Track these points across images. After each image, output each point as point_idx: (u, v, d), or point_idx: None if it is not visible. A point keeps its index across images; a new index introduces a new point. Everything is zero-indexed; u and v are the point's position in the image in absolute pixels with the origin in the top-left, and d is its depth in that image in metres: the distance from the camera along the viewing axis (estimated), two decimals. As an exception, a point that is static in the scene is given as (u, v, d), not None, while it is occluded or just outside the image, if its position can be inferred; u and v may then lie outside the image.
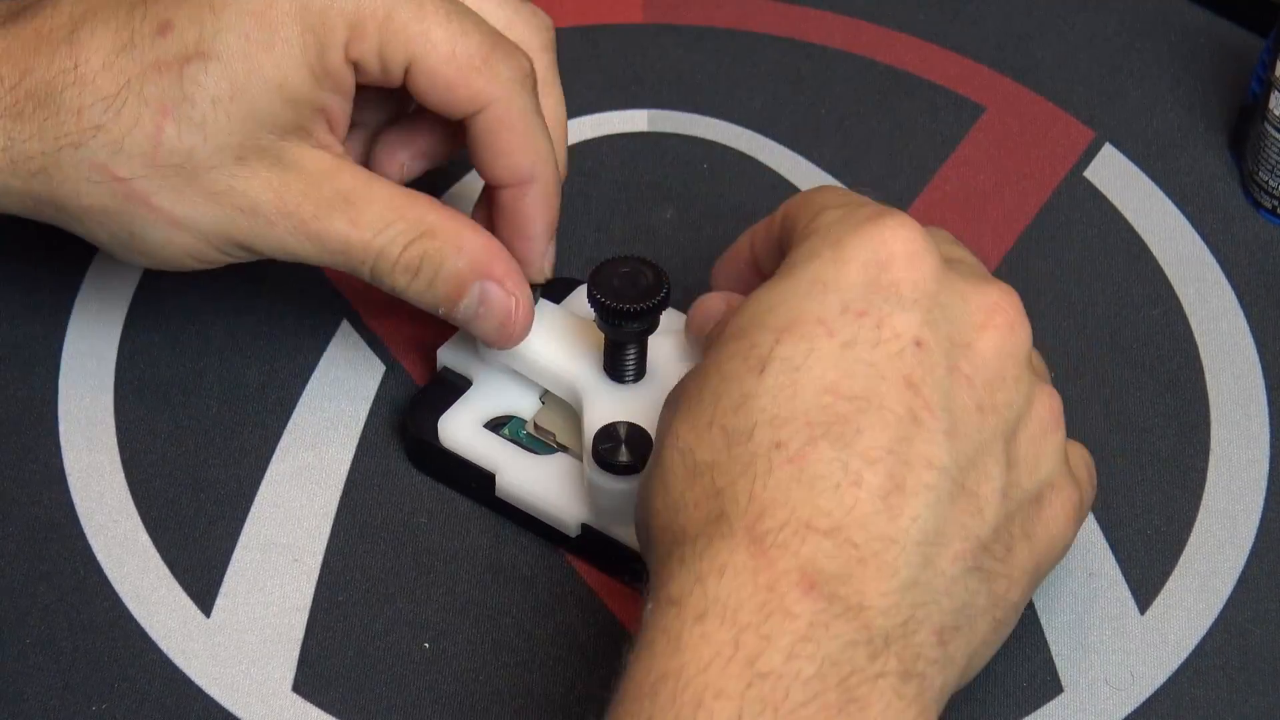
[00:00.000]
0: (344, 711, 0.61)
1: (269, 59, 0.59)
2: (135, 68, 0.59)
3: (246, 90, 0.59)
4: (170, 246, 0.61)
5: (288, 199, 0.61)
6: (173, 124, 0.59)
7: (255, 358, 0.69)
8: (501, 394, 0.66)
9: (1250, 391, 0.69)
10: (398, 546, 0.65)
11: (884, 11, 0.81)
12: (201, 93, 0.59)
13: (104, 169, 0.60)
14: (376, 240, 0.61)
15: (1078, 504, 0.58)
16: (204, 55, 0.59)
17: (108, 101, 0.59)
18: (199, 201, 0.60)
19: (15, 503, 0.65)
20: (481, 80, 0.61)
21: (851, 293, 0.55)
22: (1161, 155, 0.76)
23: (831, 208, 0.58)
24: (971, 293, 0.56)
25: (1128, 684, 0.62)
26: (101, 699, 0.61)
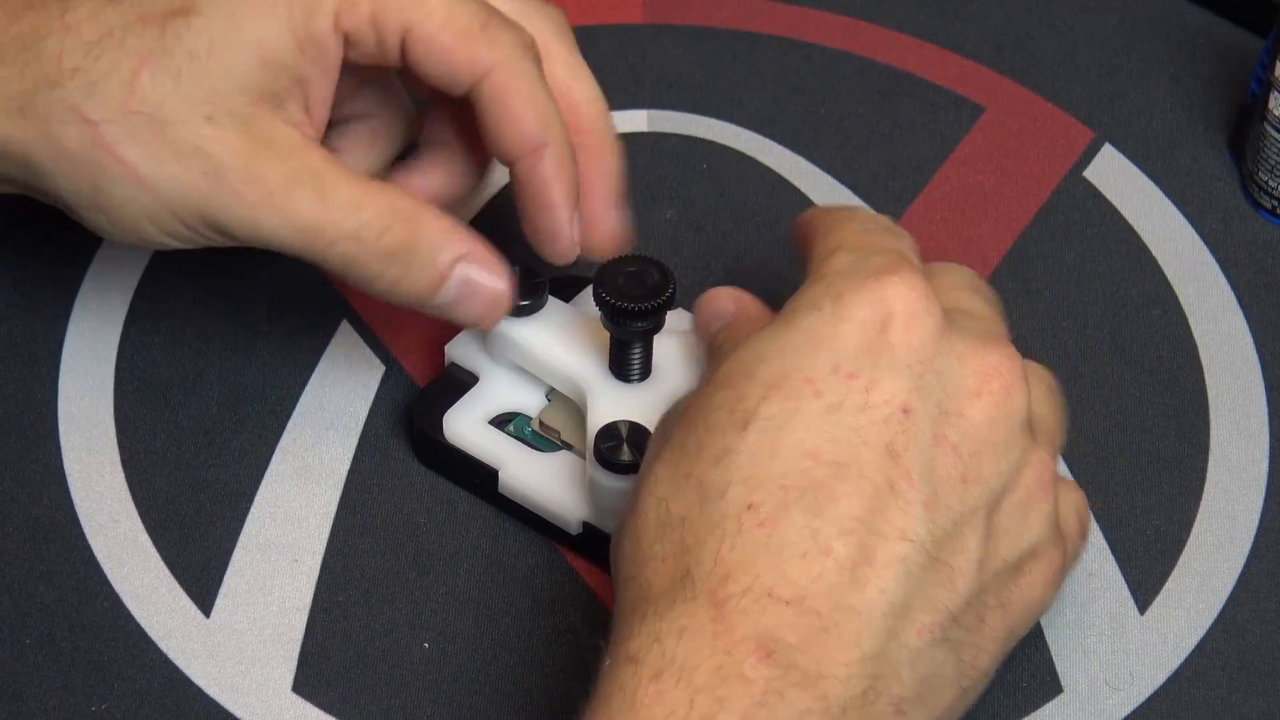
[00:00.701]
0: (344, 711, 0.61)
1: (252, 19, 0.59)
2: (119, 19, 0.59)
3: (225, 47, 0.59)
4: (132, 206, 0.60)
5: (254, 166, 0.59)
6: (148, 73, 0.59)
7: (255, 358, 0.69)
8: (508, 391, 0.66)
9: (1250, 391, 0.69)
10: (398, 546, 0.65)
11: (884, 11, 0.81)
12: (180, 46, 0.59)
13: (76, 110, 0.59)
14: (348, 222, 0.59)
15: (1059, 568, 0.57)
16: (188, 10, 0.59)
17: (88, 47, 0.59)
18: (165, 159, 0.59)
19: (15, 503, 0.65)
20: (481, 45, 0.60)
21: (845, 353, 0.54)
22: (1161, 155, 0.76)
23: (845, 249, 0.57)
24: (970, 356, 0.55)
25: (1128, 684, 0.62)
26: (101, 699, 0.61)
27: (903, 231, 0.59)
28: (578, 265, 0.64)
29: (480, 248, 0.61)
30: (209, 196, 0.59)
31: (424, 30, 0.60)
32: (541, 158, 0.61)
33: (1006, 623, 0.55)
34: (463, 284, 0.61)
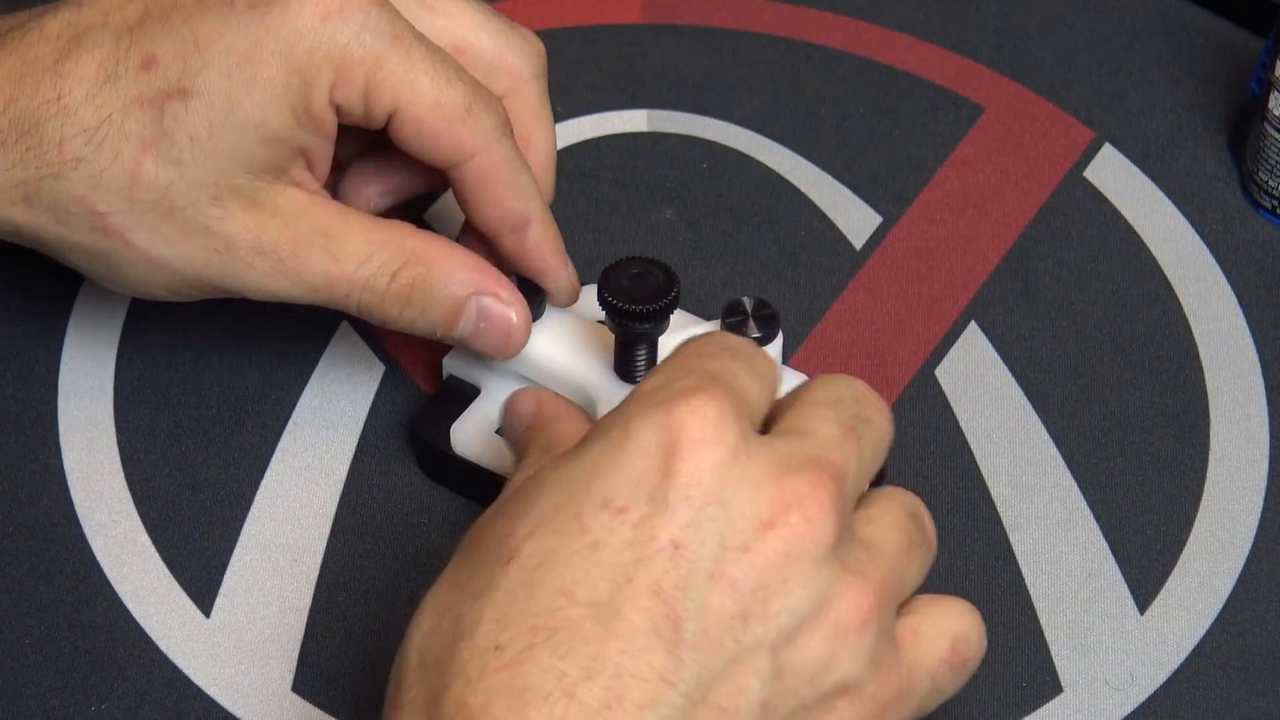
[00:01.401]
0: (344, 711, 0.61)
1: (250, 99, 0.59)
2: (117, 101, 0.59)
3: (225, 129, 0.59)
4: (147, 283, 0.62)
5: (264, 239, 0.61)
6: (151, 160, 0.59)
7: (255, 358, 0.69)
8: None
9: (1250, 391, 0.69)
10: (397, 546, 0.65)
11: (884, 11, 0.81)
12: (180, 130, 0.59)
13: (83, 201, 0.60)
14: (360, 273, 0.61)
15: (885, 703, 0.53)
16: (185, 92, 0.59)
17: (89, 134, 0.59)
18: (175, 240, 0.60)
19: (15, 503, 0.65)
20: (465, 130, 0.61)
21: (619, 484, 0.51)
22: (1161, 155, 0.76)
23: (664, 370, 0.54)
24: (767, 484, 0.51)
25: (1127, 684, 0.62)
26: (101, 699, 0.61)
27: (753, 350, 0.55)
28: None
29: (491, 280, 0.62)
30: (222, 270, 0.61)
31: (412, 111, 0.60)
32: (525, 234, 0.63)
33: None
34: (478, 318, 0.62)
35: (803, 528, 0.51)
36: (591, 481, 0.51)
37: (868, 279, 0.72)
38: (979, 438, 0.68)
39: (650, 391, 0.53)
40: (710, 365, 0.54)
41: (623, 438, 0.52)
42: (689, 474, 0.51)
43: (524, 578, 0.50)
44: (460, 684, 0.49)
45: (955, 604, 0.55)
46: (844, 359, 0.70)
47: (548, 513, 0.51)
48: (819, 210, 0.74)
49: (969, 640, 0.55)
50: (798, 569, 0.51)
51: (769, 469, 0.52)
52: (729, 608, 0.50)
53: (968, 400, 0.69)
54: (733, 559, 0.50)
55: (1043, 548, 0.65)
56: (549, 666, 0.49)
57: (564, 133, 0.76)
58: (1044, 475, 0.67)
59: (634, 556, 0.50)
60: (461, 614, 0.51)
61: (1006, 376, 0.69)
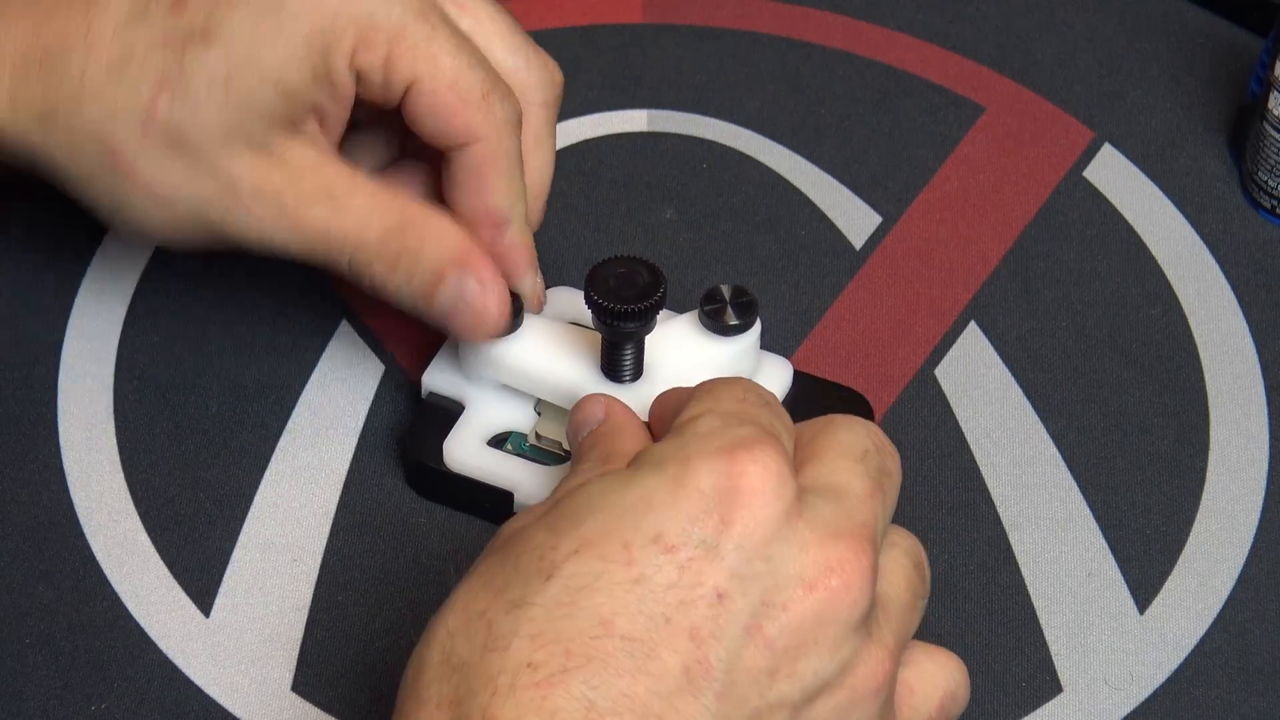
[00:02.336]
0: (343, 711, 0.61)
1: (271, 51, 0.60)
2: (143, 39, 0.60)
3: (243, 77, 0.60)
4: (150, 220, 0.62)
5: (267, 185, 0.61)
6: (166, 99, 0.60)
7: (255, 358, 0.69)
8: (497, 411, 0.66)
9: (1250, 391, 0.69)
10: (397, 546, 0.65)
11: (884, 11, 0.81)
12: (199, 72, 0.60)
13: (97, 134, 0.60)
14: (354, 232, 0.61)
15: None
16: (209, 37, 0.60)
17: (110, 68, 0.60)
18: (182, 178, 0.61)
19: (15, 503, 0.65)
20: (479, 115, 0.61)
21: (672, 522, 0.50)
22: (1161, 155, 0.76)
23: (715, 414, 0.53)
24: (813, 546, 0.51)
25: (1127, 684, 0.62)
26: (101, 699, 0.61)
27: (781, 409, 0.55)
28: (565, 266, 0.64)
29: (476, 259, 0.62)
30: (225, 212, 0.61)
31: (430, 85, 0.61)
32: (502, 233, 0.63)
33: None
34: (455, 294, 0.62)
35: (841, 593, 0.51)
36: (644, 513, 0.51)
37: (868, 279, 0.72)
38: (979, 438, 0.68)
39: (710, 434, 0.52)
40: (761, 417, 0.54)
41: (680, 474, 0.51)
42: (744, 525, 0.51)
43: (564, 598, 0.50)
44: (489, 694, 0.49)
45: (946, 658, 0.56)
46: (844, 359, 0.70)
47: (594, 536, 0.51)
48: (819, 210, 0.74)
49: (956, 698, 0.56)
50: (829, 632, 0.51)
51: (815, 530, 0.51)
52: (760, 663, 0.50)
53: (968, 400, 0.69)
54: (771, 616, 0.51)
55: (1043, 548, 0.65)
56: (580, 695, 0.49)
57: (564, 133, 0.76)
58: (1044, 475, 0.67)
59: (676, 598, 0.50)
60: (495, 621, 0.50)
61: (1006, 376, 0.69)
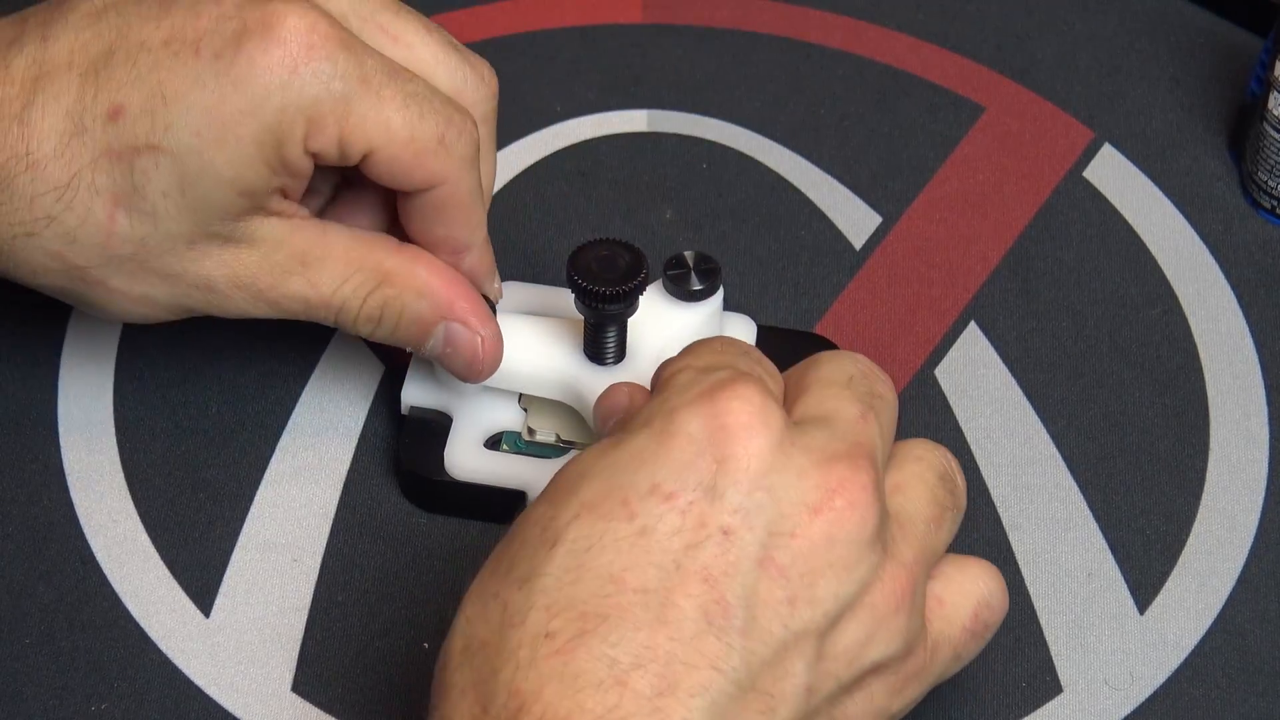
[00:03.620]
0: (343, 711, 0.61)
1: (222, 156, 0.59)
2: (87, 155, 0.59)
3: (198, 185, 0.59)
4: (131, 316, 0.62)
5: (241, 274, 0.61)
6: (124, 214, 0.59)
7: (255, 358, 0.69)
8: (485, 414, 0.66)
9: (1250, 391, 0.69)
10: (397, 546, 0.65)
11: (884, 11, 0.81)
12: (151, 185, 0.59)
13: (59, 256, 0.60)
14: (335, 297, 0.61)
15: (911, 675, 0.54)
16: (155, 149, 0.59)
17: (59, 191, 0.59)
18: (154, 282, 0.61)
19: (15, 503, 0.65)
20: (438, 162, 0.61)
21: (667, 471, 0.51)
22: (1161, 155, 0.76)
23: (690, 369, 0.54)
24: (812, 469, 0.52)
25: (1127, 684, 0.62)
26: (101, 699, 0.61)
27: (761, 355, 0.56)
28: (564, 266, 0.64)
29: (461, 306, 0.62)
30: (205, 302, 0.62)
31: (387, 150, 0.60)
32: (462, 258, 0.63)
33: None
34: (446, 340, 0.62)
35: (847, 512, 0.52)
36: (637, 468, 0.52)
37: (868, 279, 0.72)
38: (979, 438, 0.68)
39: (688, 384, 0.53)
40: (739, 363, 0.54)
41: (667, 426, 0.52)
42: (738, 459, 0.51)
43: (571, 564, 0.50)
44: (511, 669, 0.49)
45: (977, 567, 0.56)
46: (844, 359, 0.70)
47: (592, 498, 0.51)
48: (819, 210, 0.74)
49: (990, 605, 0.56)
50: (842, 553, 0.51)
51: (810, 455, 0.52)
52: (777, 594, 0.51)
53: (967, 400, 0.69)
54: (780, 545, 0.51)
55: (1043, 548, 0.65)
56: (600, 654, 0.49)
57: (564, 133, 0.76)
58: (1044, 475, 0.67)
59: (683, 543, 0.50)
60: (508, 599, 0.51)
61: (1006, 376, 0.69)
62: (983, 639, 0.56)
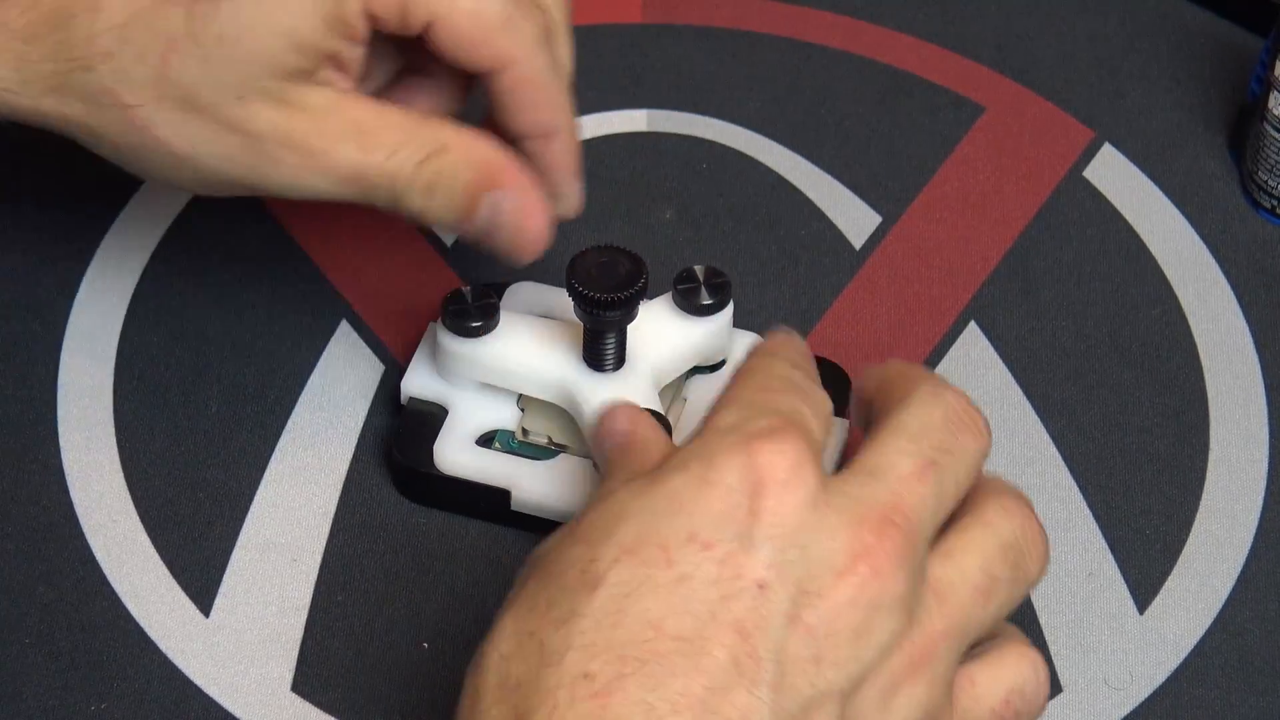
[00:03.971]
0: (343, 711, 0.61)
1: (281, 7, 0.59)
2: None
3: (253, 33, 0.59)
4: (176, 175, 0.61)
5: (293, 133, 0.60)
6: (178, 58, 0.59)
7: (255, 358, 0.69)
8: (481, 411, 0.66)
9: (1250, 391, 0.69)
10: (397, 546, 0.65)
11: (884, 11, 0.81)
12: (207, 30, 0.59)
13: (112, 93, 0.60)
14: (389, 163, 0.60)
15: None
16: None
17: (117, 30, 0.59)
18: (201, 136, 0.60)
19: (15, 503, 0.65)
20: (505, 40, 0.60)
21: (704, 519, 0.51)
22: (1161, 155, 0.76)
23: (736, 406, 0.54)
24: (841, 532, 0.51)
25: (1127, 684, 0.62)
26: (101, 699, 0.61)
27: (810, 386, 0.56)
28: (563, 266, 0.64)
29: (511, 176, 0.61)
30: (250, 165, 0.60)
31: (449, 21, 0.60)
32: (551, 142, 0.62)
33: None
34: (492, 212, 0.61)
35: (870, 578, 0.51)
36: (675, 515, 0.51)
37: (868, 279, 0.72)
38: (979, 438, 0.68)
39: (729, 429, 0.53)
40: (783, 404, 0.54)
41: (706, 473, 0.51)
42: (774, 514, 0.51)
43: (612, 606, 0.50)
44: (549, 709, 0.49)
45: (1018, 655, 0.55)
46: (844, 359, 0.70)
47: (631, 542, 0.51)
48: (819, 210, 0.74)
49: (1024, 694, 0.55)
50: (864, 618, 0.51)
51: (842, 516, 0.51)
52: (804, 652, 0.50)
53: (967, 400, 0.69)
54: (809, 604, 0.51)
55: (1042, 548, 0.65)
56: (638, 699, 0.49)
57: (564, 133, 0.76)
58: (1044, 475, 0.67)
59: (720, 593, 0.50)
60: (546, 638, 0.50)
61: (1006, 376, 0.69)
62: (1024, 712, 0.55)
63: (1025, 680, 0.55)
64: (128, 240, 0.72)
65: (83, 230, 0.72)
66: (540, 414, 0.66)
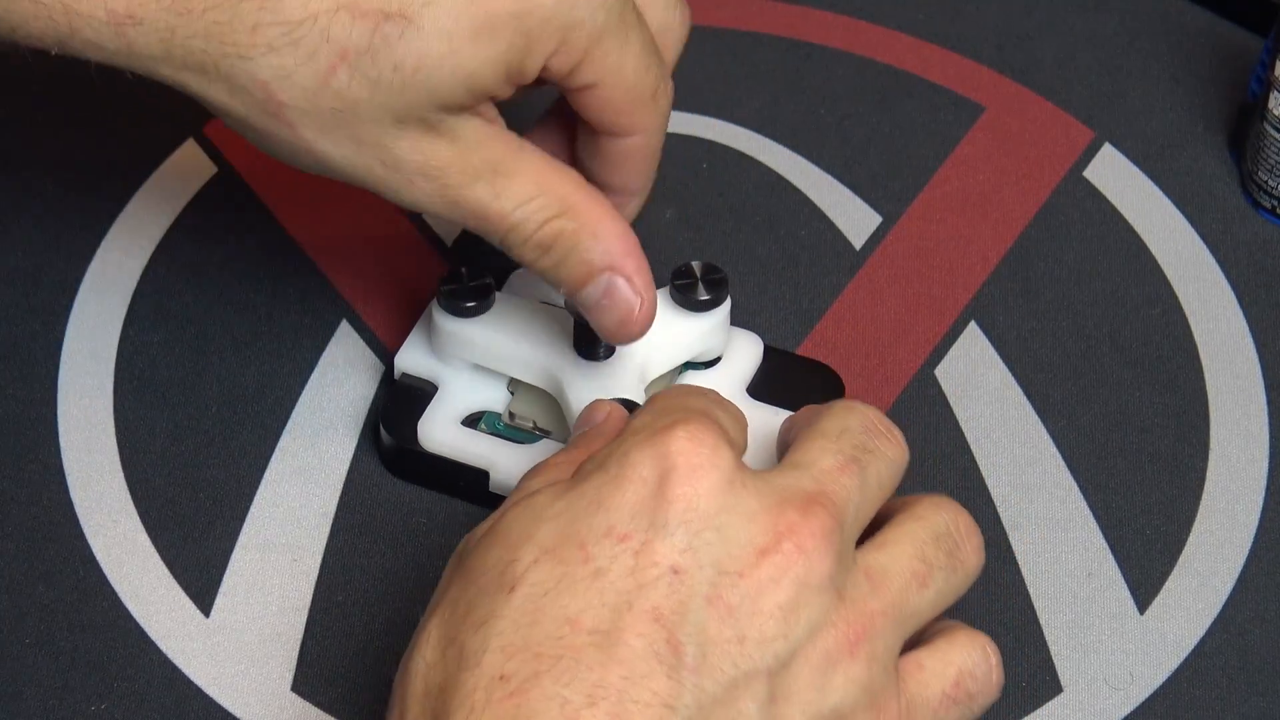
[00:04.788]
0: (343, 711, 0.61)
1: (469, 49, 0.57)
2: (329, 2, 0.56)
3: (433, 70, 0.57)
4: (298, 164, 0.60)
5: (433, 164, 0.59)
6: (346, 72, 0.57)
7: (255, 358, 0.69)
8: (470, 391, 0.66)
9: (1250, 391, 0.69)
10: (397, 546, 0.65)
11: (884, 11, 0.81)
12: (387, 53, 0.57)
13: (266, 87, 0.57)
14: (515, 214, 0.59)
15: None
16: (406, 18, 0.56)
17: (288, 27, 0.56)
18: (345, 147, 0.59)
19: (15, 503, 0.65)
20: (646, 115, 0.60)
21: (620, 513, 0.51)
22: (1161, 155, 0.76)
23: (651, 411, 0.54)
24: (762, 513, 0.52)
25: (1127, 684, 0.62)
26: (101, 699, 0.61)
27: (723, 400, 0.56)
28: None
29: (631, 262, 0.61)
30: (382, 180, 0.59)
31: (610, 89, 0.59)
32: (626, 203, 0.63)
33: None
34: (605, 292, 0.61)
35: (795, 555, 0.51)
36: (594, 512, 0.52)
37: (868, 279, 0.72)
38: (979, 438, 0.68)
39: (642, 427, 0.53)
40: (693, 404, 0.54)
41: (620, 468, 0.52)
42: (686, 498, 0.51)
43: (529, 606, 0.50)
44: (465, 712, 0.49)
45: (966, 638, 0.55)
46: (844, 359, 0.70)
47: (551, 543, 0.51)
48: (819, 210, 0.74)
49: (976, 676, 0.55)
50: (789, 596, 0.51)
51: (763, 499, 0.52)
52: (726, 632, 0.51)
53: (968, 400, 0.69)
54: (728, 584, 0.51)
55: (1043, 548, 0.65)
56: (553, 694, 0.49)
57: (564, 133, 0.76)
58: (1044, 475, 0.67)
59: (635, 583, 0.51)
60: (465, 643, 0.51)
61: (1006, 376, 0.69)
62: (968, 708, 0.55)
63: (975, 662, 0.55)
64: (128, 240, 0.72)
65: (83, 230, 0.72)
66: (529, 399, 0.66)
